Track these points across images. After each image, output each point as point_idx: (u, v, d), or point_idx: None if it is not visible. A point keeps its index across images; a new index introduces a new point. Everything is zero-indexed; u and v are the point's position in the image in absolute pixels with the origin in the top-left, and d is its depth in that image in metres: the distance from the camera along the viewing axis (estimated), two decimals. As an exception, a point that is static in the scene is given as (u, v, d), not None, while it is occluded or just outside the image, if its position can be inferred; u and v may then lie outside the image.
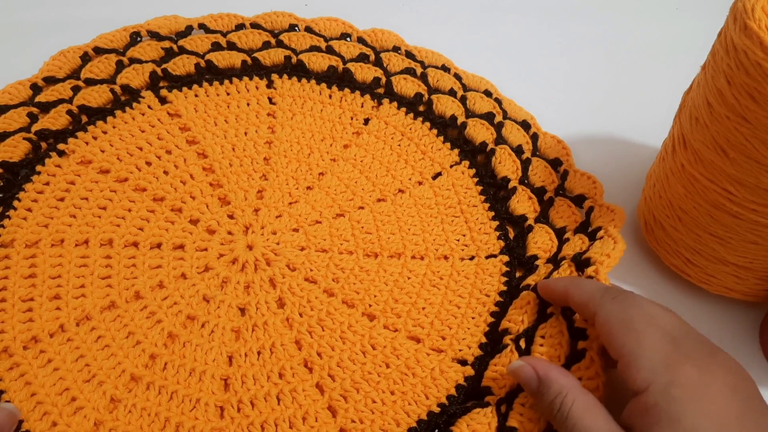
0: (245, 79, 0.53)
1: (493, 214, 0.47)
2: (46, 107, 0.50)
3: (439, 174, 0.49)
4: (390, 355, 0.39)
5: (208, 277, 0.42)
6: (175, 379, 0.37)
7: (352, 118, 0.52)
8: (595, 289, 0.35)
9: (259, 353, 0.39)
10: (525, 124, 0.52)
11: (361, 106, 0.53)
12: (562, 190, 0.48)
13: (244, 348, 0.39)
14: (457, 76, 0.55)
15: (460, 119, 0.52)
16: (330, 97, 0.53)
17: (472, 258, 0.44)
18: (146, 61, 0.53)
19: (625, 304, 0.33)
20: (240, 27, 0.58)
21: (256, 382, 0.38)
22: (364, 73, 0.54)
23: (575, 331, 0.37)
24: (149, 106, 0.51)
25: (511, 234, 0.46)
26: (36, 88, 0.51)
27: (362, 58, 0.56)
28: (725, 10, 0.35)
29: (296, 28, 0.58)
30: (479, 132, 0.51)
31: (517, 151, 0.50)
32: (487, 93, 0.54)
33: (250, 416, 0.36)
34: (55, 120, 0.49)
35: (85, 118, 0.50)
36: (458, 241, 0.45)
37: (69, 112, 0.49)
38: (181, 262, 0.43)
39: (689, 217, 0.40)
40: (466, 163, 0.49)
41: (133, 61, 0.53)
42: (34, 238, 0.43)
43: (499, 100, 0.54)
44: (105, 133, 0.49)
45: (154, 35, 0.56)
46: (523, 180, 0.48)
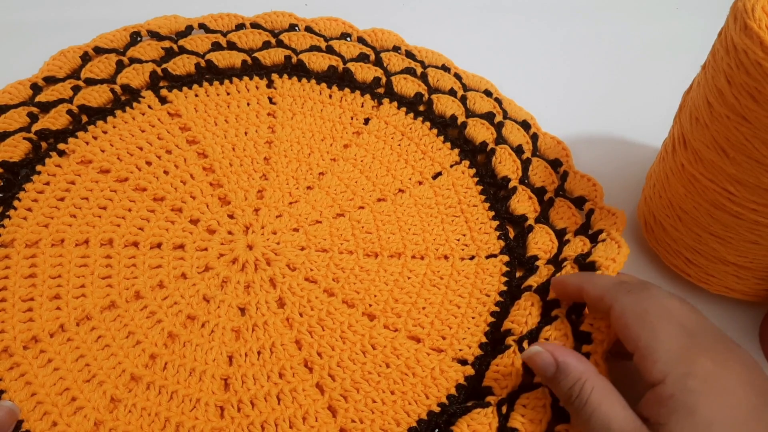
0: (245, 78, 0.53)
1: (494, 213, 0.47)
2: (46, 107, 0.50)
3: (439, 174, 0.49)
4: (390, 355, 0.39)
5: (208, 277, 0.42)
6: (175, 379, 0.37)
7: (352, 118, 0.52)
8: (610, 283, 0.35)
9: (259, 353, 0.39)
10: (525, 124, 0.52)
11: (361, 106, 0.53)
12: (562, 191, 0.48)
13: (244, 348, 0.39)
14: (457, 76, 0.55)
15: (461, 119, 0.52)
16: (330, 96, 0.53)
17: (473, 258, 0.44)
18: (146, 61, 0.53)
19: (641, 297, 0.33)
20: (240, 27, 0.58)
21: (256, 382, 0.38)
22: (364, 72, 0.54)
23: (579, 335, 0.37)
24: (149, 106, 0.51)
25: (511, 234, 0.46)
26: (36, 88, 0.51)
27: (362, 58, 0.56)
28: (725, 10, 0.35)
29: (296, 28, 0.58)
30: (479, 132, 0.51)
31: (518, 150, 0.50)
32: (487, 93, 0.54)
33: (250, 416, 0.36)
34: (56, 120, 0.49)
35: (85, 118, 0.50)
36: (458, 240, 0.45)
37: (69, 112, 0.49)
38: (181, 261, 0.43)
39: (689, 216, 0.40)
40: (467, 162, 0.49)
41: (134, 60, 0.53)
42: (34, 238, 0.43)
43: (499, 100, 0.54)
44: (105, 132, 0.49)
45: (154, 35, 0.56)
46: (524, 180, 0.48)
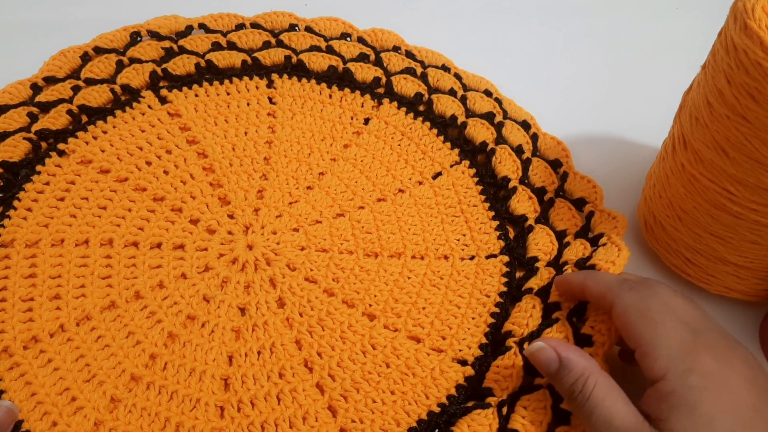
0: (245, 78, 0.53)
1: (494, 213, 0.47)
2: (46, 107, 0.50)
3: (439, 174, 0.49)
4: (390, 355, 0.39)
5: (208, 277, 0.42)
6: (175, 379, 0.37)
7: (352, 118, 0.52)
8: (613, 280, 0.35)
9: (259, 353, 0.39)
10: (525, 124, 0.52)
11: (361, 106, 0.53)
12: (562, 192, 0.48)
13: (244, 348, 0.39)
14: (457, 76, 0.55)
15: (461, 119, 0.52)
16: (330, 96, 0.53)
17: (473, 258, 0.44)
18: (146, 61, 0.53)
19: (643, 294, 0.33)
20: (240, 27, 0.58)
21: (256, 382, 0.38)
22: (364, 72, 0.54)
23: (580, 337, 0.37)
24: (149, 106, 0.51)
25: (511, 234, 0.46)
26: (36, 88, 0.51)
27: (362, 58, 0.56)
28: (725, 10, 0.35)
29: (296, 28, 0.58)
30: (479, 132, 0.51)
31: (518, 150, 0.50)
32: (487, 93, 0.54)
33: (250, 416, 0.36)
34: (55, 120, 0.49)
35: (85, 118, 0.50)
36: (458, 240, 0.45)
37: (69, 112, 0.49)
38: (181, 261, 0.43)
39: (689, 216, 0.40)
40: (467, 162, 0.49)
41: (133, 60, 0.53)
42: (34, 238, 0.43)
43: (499, 100, 0.54)
44: (105, 132, 0.49)
45: (154, 35, 0.56)
46: (524, 180, 0.48)
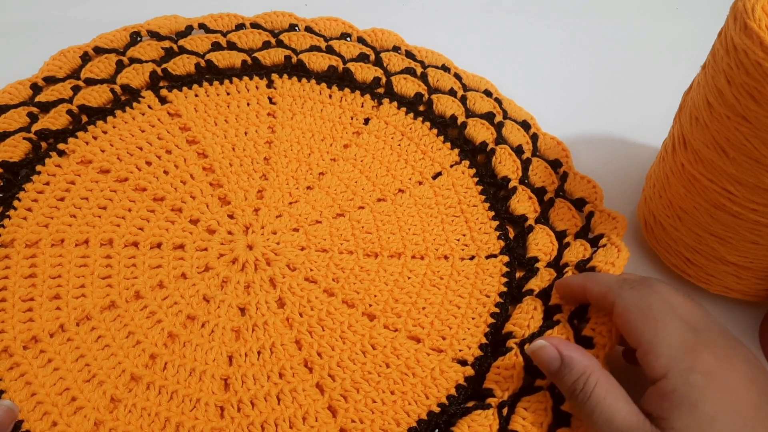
0: (245, 78, 0.53)
1: (494, 213, 0.47)
2: (46, 107, 0.50)
3: (439, 174, 0.49)
4: (390, 355, 0.39)
5: (208, 277, 0.42)
6: (175, 379, 0.37)
7: (352, 118, 0.52)
8: (613, 280, 0.36)
9: (259, 353, 0.39)
10: (525, 124, 0.52)
11: (361, 106, 0.53)
12: (562, 192, 0.48)
13: (244, 348, 0.39)
14: (457, 76, 0.55)
15: (460, 119, 0.52)
16: (330, 96, 0.53)
17: (472, 258, 0.44)
18: (146, 61, 0.53)
19: (644, 293, 0.33)
20: (240, 27, 0.58)
21: (256, 382, 0.38)
22: (364, 72, 0.54)
23: (581, 339, 0.37)
24: (149, 106, 0.51)
25: (511, 234, 0.46)
26: (36, 88, 0.51)
27: (362, 58, 0.56)
28: (725, 10, 0.35)
29: (296, 28, 0.58)
30: (479, 132, 0.51)
31: (518, 150, 0.50)
32: (487, 93, 0.54)
33: (250, 416, 0.36)
34: (55, 120, 0.49)
35: (85, 118, 0.50)
36: (458, 241, 0.45)
37: (69, 112, 0.49)
38: (181, 261, 0.43)
39: (689, 216, 0.40)
40: (466, 162, 0.49)
41: (133, 60, 0.53)
42: (34, 238, 0.43)
43: (499, 100, 0.54)
44: (105, 132, 0.49)
45: (154, 35, 0.56)
46: (524, 180, 0.48)
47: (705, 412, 0.29)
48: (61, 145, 0.47)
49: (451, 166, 0.49)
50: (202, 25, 0.57)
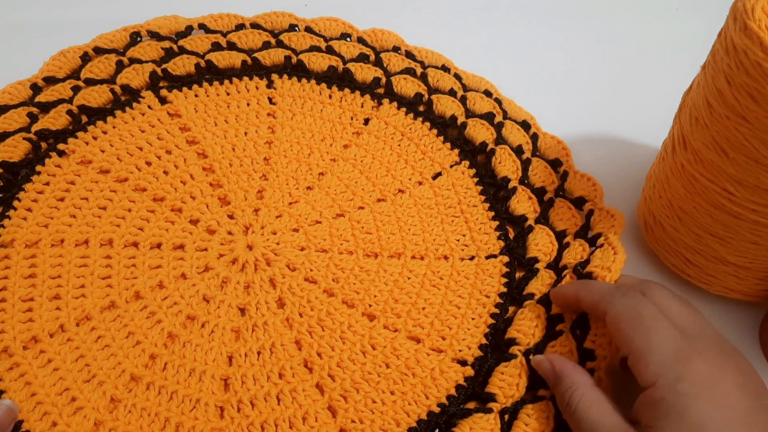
0: (245, 79, 0.53)
1: (493, 214, 0.47)
2: (46, 107, 0.50)
3: (439, 174, 0.49)
4: (390, 355, 0.39)
5: (208, 277, 0.42)
6: (175, 379, 0.37)
7: (352, 118, 0.52)
8: (606, 289, 0.36)
9: (259, 353, 0.39)
10: (525, 124, 0.52)
11: (361, 106, 0.53)
12: (562, 191, 0.48)
13: (244, 348, 0.39)
14: (457, 76, 0.55)
15: (460, 119, 0.52)
16: (330, 97, 0.53)
17: (472, 258, 0.44)
18: (146, 61, 0.53)
19: (635, 301, 0.34)
20: (240, 27, 0.58)
21: (256, 382, 0.38)
22: (364, 73, 0.54)
23: (584, 352, 0.38)
24: (149, 106, 0.51)
25: (511, 234, 0.46)
26: (36, 88, 0.51)
27: (362, 58, 0.55)
28: (725, 10, 0.35)
29: (296, 28, 0.58)
30: (479, 132, 0.51)
31: (517, 151, 0.50)
32: (487, 93, 0.54)
33: (250, 416, 0.36)
34: (55, 120, 0.49)
35: (85, 118, 0.50)
36: (458, 241, 0.45)
37: (69, 112, 0.49)
38: (181, 262, 0.43)
39: (689, 217, 0.40)
40: (466, 163, 0.49)
41: (133, 61, 0.53)
42: (34, 238, 0.43)
43: (499, 100, 0.54)
44: (105, 133, 0.49)
45: (154, 35, 0.56)
46: (523, 180, 0.48)
47: (693, 420, 0.29)
48: (61, 146, 0.47)
49: (451, 167, 0.49)
50: (202, 26, 0.57)
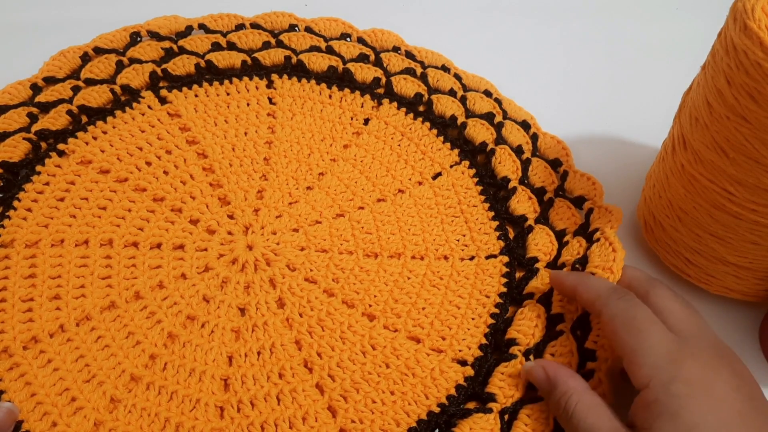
0: (245, 79, 0.53)
1: (493, 214, 0.47)
2: (46, 107, 0.50)
3: (439, 174, 0.49)
4: (390, 356, 0.39)
5: (208, 277, 0.42)
6: (175, 379, 0.37)
7: (352, 118, 0.52)
8: (603, 288, 0.36)
9: (259, 353, 0.39)
10: (525, 124, 0.52)
11: (361, 106, 0.53)
12: (562, 191, 0.48)
13: (244, 348, 0.39)
14: (457, 76, 0.55)
15: (460, 119, 0.52)
16: (330, 97, 0.53)
17: (472, 258, 0.44)
18: (146, 61, 0.53)
19: (630, 304, 0.34)
20: (240, 27, 0.58)
21: (256, 382, 0.38)
22: (364, 73, 0.54)
23: (584, 351, 0.38)
24: (149, 106, 0.51)
25: (511, 234, 0.46)
26: (36, 88, 0.51)
27: (362, 58, 0.56)
28: (725, 10, 0.35)
29: (296, 28, 0.58)
30: (479, 132, 0.51)
31: (517, 151, 0.50)
32: (487, 93, 0.54)
33: (250, 416, 0.36)
34: (55, 120, 0.49)
35: (85, 118, 0.50)
36: (458, 241, 0.45)
37: (69, 112, 0.49)
38: (181, 262, 0.43)
39: (689, 217, 0.40)
40: (466, 163, 0.49)
41: (133, 61, 0.53)
42: (34, 238, 0.43)
43: (499, 100, 0.54)
44: (105, 133, 0.49)
45: (154, 35, 0.56)
46: (523, 180, 0.48)
47: (686, 421, 0.29)
48: (61, 146, 0.47)
49: (451, 167, 0.49)
50: (202, 26, 0.57)
